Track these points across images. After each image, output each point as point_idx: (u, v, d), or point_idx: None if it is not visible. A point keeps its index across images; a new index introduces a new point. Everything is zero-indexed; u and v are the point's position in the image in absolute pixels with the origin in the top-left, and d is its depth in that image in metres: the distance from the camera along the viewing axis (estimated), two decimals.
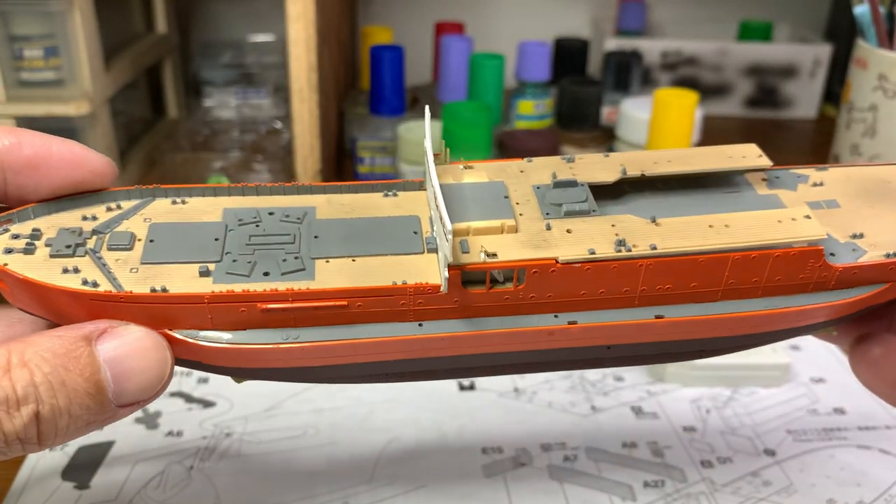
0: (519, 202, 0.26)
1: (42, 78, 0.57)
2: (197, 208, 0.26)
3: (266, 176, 0.67)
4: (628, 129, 0.62)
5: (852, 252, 0.26)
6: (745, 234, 0.24)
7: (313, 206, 0.26)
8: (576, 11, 0.95)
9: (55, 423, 0.21)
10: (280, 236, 0.25)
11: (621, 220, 0.25)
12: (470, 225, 0.24)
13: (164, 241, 0.24)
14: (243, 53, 0.82)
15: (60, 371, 0.21)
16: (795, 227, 0.24)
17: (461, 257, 0.23)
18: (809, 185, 0.28)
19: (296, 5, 0.54)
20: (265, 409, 0.41)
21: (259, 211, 0.26)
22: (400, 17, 0.91)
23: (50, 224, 0.25)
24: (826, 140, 0.68)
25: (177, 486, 0.36)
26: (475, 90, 0.66)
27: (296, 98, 0.57)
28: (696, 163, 0.27)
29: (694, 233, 0.24)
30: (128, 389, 0.22)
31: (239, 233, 0.25)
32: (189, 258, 0.24)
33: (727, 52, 0.85)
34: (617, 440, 0.39)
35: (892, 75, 0.56)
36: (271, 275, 0.23)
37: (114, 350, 0.22)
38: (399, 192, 0.27)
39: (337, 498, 0.35)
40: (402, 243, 0.25)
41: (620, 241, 0.24)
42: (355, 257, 0.24)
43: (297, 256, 0.24)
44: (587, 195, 0.26)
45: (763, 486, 0.37)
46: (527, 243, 0.24)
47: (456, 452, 0.38)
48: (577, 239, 0.24)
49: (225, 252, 0.24)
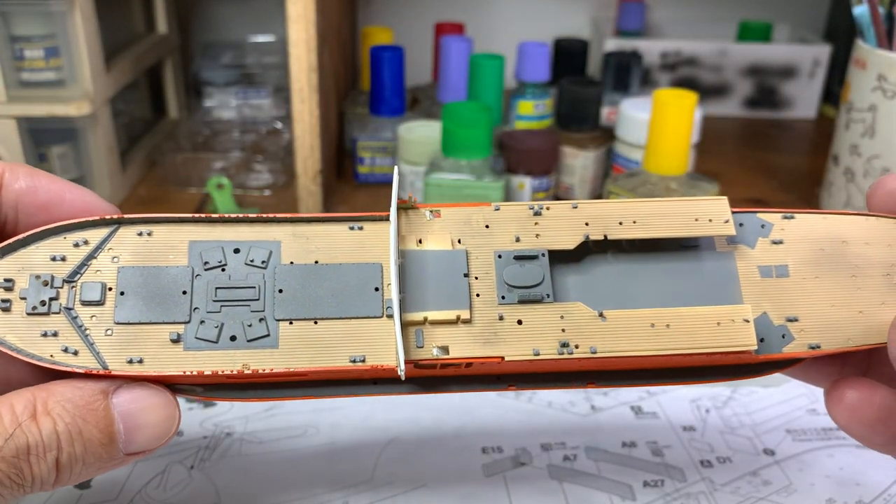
0: (478, 276, 0.27)
1: (43, 78, 0.57)
2: (163, 241, 0.27)
3: (266, 176, 0.67)
4: (628, 130, 0.62)
5: (781, 339, 0.27)
6: (683, 340, 0.26)
7: (278, 242, 0.27)
8: (575, 12, 0.95)
9: (71, 468, 0.23)
10: (245, 290, 0.26)
11: (571, 312, 0.27)
12: (426, 316, 0.26)
13: (134, 294, 0.26)
14: (244, 54, 0.82)
15: (79, 422, 0.23)
16: (732, 333, 0.26)
17: (415, 352, 0.26)
18: (769, 241, 0.29)
19: (296, 6, 0.54)
20: (265, 408, 0.41)
21: (224, 248, 0.27)
22: (400, 17, 0.92)
23: (20, 265, 0.26)
24: (825, 140, 0.69)
25: (177, 485, 0.36)
26: (475, 90, 0.66)
27: (296, 98, 0.57)
28: (660, 226, 0.29)
29: (635, 334, 0.26)
30: (137, 441, 0.24)
31: (205, 281, 0.26)
32: (159, 318, 0.26)
33: (726, 52, 0.85)
34: (616, 440, 0.39)
35: (891, 76, 0.56)
36: (237, 340, 0.26)
37: (127, 405, 0.24)
38: (365, 225, 0.28)
39: (337, 498, 0.35)
40: (362, 304, 0.27)
41: (564, 344, 0.26)
42: (318, 320, 0.26)
43: (262, 318, 0.26)
44: (544, 275, 0.27)
45: (762, 486, 0.37)
46: (478, 337, 0.26)
47: (456, 452, 0.38)
48: (526, 333, 0.26)
49: (193, 308, 0.26)
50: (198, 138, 0.70)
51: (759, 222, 0.30)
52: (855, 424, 0.28)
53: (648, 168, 0.57)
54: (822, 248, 0.29)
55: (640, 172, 0.58)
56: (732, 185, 0.70)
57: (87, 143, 0.59)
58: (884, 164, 0.58)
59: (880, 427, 0.27)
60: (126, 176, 0.66)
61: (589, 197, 0.65)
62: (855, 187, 0.60)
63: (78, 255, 0.26)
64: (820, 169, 0.67)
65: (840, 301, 0.28)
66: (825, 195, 0.65)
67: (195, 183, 0.67)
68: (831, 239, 0.29)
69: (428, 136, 0.62)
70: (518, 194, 0.62)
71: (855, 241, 0.29)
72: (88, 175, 0.61)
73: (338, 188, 0.68)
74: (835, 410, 0.28)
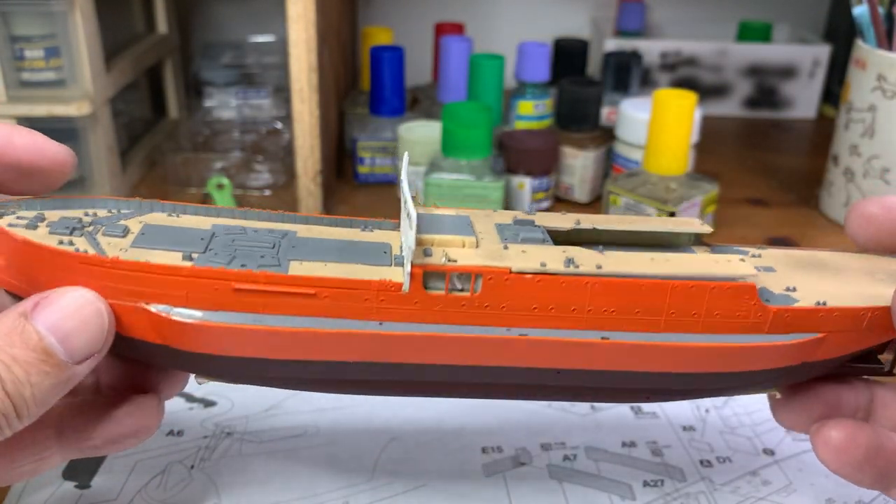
0: (481, 231, 0.28)
1: (43, 78, 0.57)
2: (189, 221, 0.28)
3: (266, 176, 0.67)
4: (628, 130, 0.62)
5: (786, 300, 0.28)
6: (684, 267, 0.27)
7: (295, 231, 0.29)
8: (575, 12, 0.95)
9: (21, 393, 0.23)
10: (261, 243, 0.27)
11: (571, 249, 0.27)
12: (434, 237, 0.27)
13: (154, 235, 0.26)
14: (244, 54, 0.82)
15: (7, 350, 0.23)
16: (730, 266, 0.27)
17: (424, 259, 0.25)
18: (749, 256, 0.31)
19: (296, 6, 0.54)
20: (265, 408, 0.41)
21: (246, 228, 0.28)
22: (400, 17, 0.92)
23: (54, 214, 0.27)
24: (825, 140, 0.69)
25: (178, 485, 0.36)
26: (475, 91, 0.66)
27: (296, 98, 0.57)
28: (641, 223, 0.31)
29: (636, 262, 0.27)
30: (76, 346, 0.24)
31: (224, 238, 0.27)
32: (175, 248, 0.26)
33: (726, 52, 0.86)
34: (616, 439, 0.39)
35: (890, 76, 0.56)
36: (248, 266, 0.25)
37: (49, 317, 0.24)
38: (375, 229, 0.30)
39: (337, 497, 0.35)
40: (372, 257, 0.27)
41: (569, 260, 0.26)
42: (327, 262, 0.26)
43: (275, 257, 0.26)
44: (543, 231, 0.28)
45: (762, 486, 0.37)
46: (485, 256, 0.26)
47: (456, 452, 0.38)
48: (531, 257, 0.26)
49: (209, 248, 0.26)
50: (198, 138, 0.70)
51: (737, 249, 0.31)
52: (844, 466, 0.28)
53: (648, 168, 0.57)
54: (801, 264, 0.31)
55: (640, 172, 0.58)
56: (732, 185, 0.70)
57: (87, 143, 0.59)
58: (883, 164, 0.58)
59: (867, 467, 0.28)
60: (126, 176, 0.66)
61: (589, 197, 0.65)
62: (854, 187, 0.60)
63: (109, 216, 0.27)
64: (820, 169, 0.67)
65: (833, 284, 0.29)
66: (825, 195, 0.65)
67: (195, 183, 0.67)
68: (808, 258, 0.31)
69: (428, 136, 0.62)
70: (518, 194, 0.62)
71: (831, 259, 0.31)
72: (88, 175, 0.61)
73: (338, 188, 0.68)
74: (822, 452, 0.28)
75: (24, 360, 0.23)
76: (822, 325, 0.27)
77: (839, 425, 0.28)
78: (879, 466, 0.28)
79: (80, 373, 0.24)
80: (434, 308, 0.26)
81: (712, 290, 0.26)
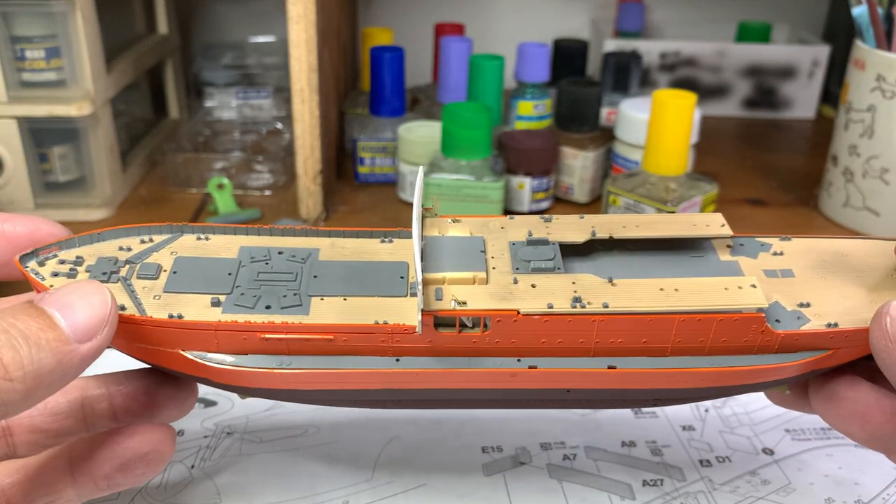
0: (494, 256, 0.29)
1: (44, 79, 0.57)
2: (218, 245, 0.30)
3: (267, 176, 0.67)
4: (627, 130, 0.62)
5: (797, 320, 0.28)
6: (691, 299, 0.27)
7: (317, 248, 0.30)
8: (575, 12, 0.95)
9: (23, 367, 0.22)
10: (284, 274, 0.28)
11: (581, 279, 0.27)
12: (445, 275, 0.27)
13: (184, 273, 0.28)
14: (244, 54, 0.82)
15: (8, 319, 0.22)
16: (740, 296, 0.27)
17: (434, 304, 0.26)
18: (770, 253, 0.31)
19: (296, 7, 0.54)
20: (266, 408, 0.41)
21: (270, 250, 0.30)
22: (400, 18, 0.92)
23: (91, 252, 0.29)
24: (824, 141, 0.69)
25: (178, 484, 0.36)
26: (475, 91, 0.66)
27: (296, 99, 0.57)
28: (663, 228, 0.30)
29: (644, 294, 0.27)
30: (79, 318, 0.24)
31: (250, 269, 0.29)
32: (204, 289, 0.28)
33: (726, 53, 0.86)
34: (616, 439, 0.39)
35: (889, 76, 0.56)
36: (272, 308, 0.27)
37: (52, 296, 0.24)
38: (394, 239, 0.31)
39: (337, 497, 0.35)
40: (388, 286, 0.28)
41: (576, 299, 0.27)
42: (346, 297, 0.28)
43: (297, 293, 0.28)
44: (555, 254, 0.29)
45: (762, 485, 0.37)
46: (494, 295, 0.27)
47: (456, 452, 0.39)
48: (539, 293, 0.27)
49: (235, 285, 0.28)
50: (198, 139, 0.70)
51: (758, 243, 0.31)
52: (834, 417, 0.28)
53: (648, 168, 0.57)
54: (823, 259, 0.30)
55: (640, 173, 0.58)
56: (731, 185, 0.70)
57: (87, 144, 0.59)
58: (882, 164, 0.58)
59: (857, 421, 0.28)
60: (127, 176, 0.66)
61: (589, 197, 0.65)
62: (854, 187, 0.60)
63: (143, 247, 0.29)
64: (819, 169, 0.67)
65: (851, 295, 0.28)
66: (824, 195, 0.65)
67: (196, 183, 0.67)
68: (831, 252, 0.30)
69: (428, 137, 0.62)
70: (518, 194, 0.62)
71: (854, 254, 0.30)
72: (89, 175, 0.61)
73: (338, 188, 0.68)
74: (815, 400, 0.29)
75: (26, 329, 0.22)
76: (832, 343, 0.27)
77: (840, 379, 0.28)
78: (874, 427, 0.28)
79: (84, 353, 0.24)
80: (446, 345, 0.27)
81: (720, 322, 0.26)
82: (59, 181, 0.60)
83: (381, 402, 0.29)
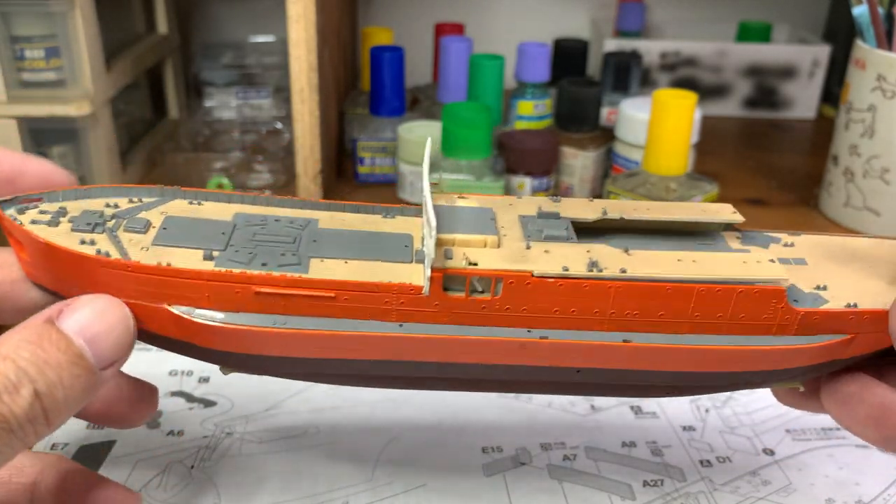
0: (504, 226, 0.28)
1: (43, 78, 0.57)
2: (211, 210, 0.28)
3: (267, 176, 0.67)
4: (627, 130, 0.62)
5: (815, 300, 0.27)
6: (711, 269, 0.26)
7: (317, 219, 0.28)
8: (575, 12, 0.95)
9: (54, 396, 0.22)
10: (282, 237, 0.27)
11: (596, 248, 0.27)
12: (455, 237, 0.26)
13: (175, 230, 0.26)
14: (244, 54, 0.82)
15: (40, 353, 0.22)
16: (760, 268, 0.26)
17: (445, 262, 0.25)
18: (781, 245, 0.30)
19: (296, 6, 0.54)
20: (265, 408, 0.41)
21: (267, 217, 0.28)
22: (400, 18, 0.92)
23: (76, 207, 0.27)
24: (825, 140, 0.69)
25: (178, 485, 0.36)
26: (475, 91, 0.66)
27: (296, 99, 0.57)
28: (675, 212, 0.29)
29: (662, 263, 0.26)
30: (104, 350, 0.24)
31: (245, 231, 0.27)
32: (196, 244, 0.26)
33: (726, 52, 0.86)
34: (616, 439, 0.39)
35: (890, 76, 0.56)
36: (268, 265, 0.25)
37: (76, 322, 0.24)
38: (397, 216, 0.29)
39: (337, 497, 0.35)
40: (393, 253, 0.27)
41: (593, 263, 0.26)
42: (348, 259, 0.26)
43: (295, 253, 0.26)
44: (568, 226, 0.28)
45: (762, 486, 0.37)
46: (507, 257, 0.26)
47: (456, 452, 0.38)
48: (553, 258, 0.26)
49: (229, 243, 0.26)
50: (198, 138, 0.70)
51: (768, 236, 0.30)
52: (849, 420, 0.28)
53: (648, 168, 0.57)
54: (834, 253, 0.29)
55: (640, 172, 0.58)
56: (732, 185, 0.70)
57: (87, 144, 0.59)
58: (883, 164, 0.58)
59: (871, 423, 0.27)
60: (126, 176, 0.66)
61: (589, 197, 0.65)
62: (854, 187, 0.60)
63: (131, 206, 0.27)
64: (819, 169, 0.67)
65: (867, 280, 0.28)
66: (824, 195, 0.65)
67: (195, 183, 0.67)
68: (841, 248, 0.30)
69: (428, 137, 0.62)
70: (518, 195, 0.62)
71: (863, 249, 0.30)
72: (89, 175, 0.61)
73: (338, 188, 0.68)
74: (828, 403, 0.28)
75: (56, 362, 0.22)
76: (852, 326, 0.27)
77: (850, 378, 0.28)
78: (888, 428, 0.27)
79: (104, 379, 0.24)
80: (454, 310, 0.25)
81: (740, 294, 0.26)
82: None
83: (376, 379, 0.28)
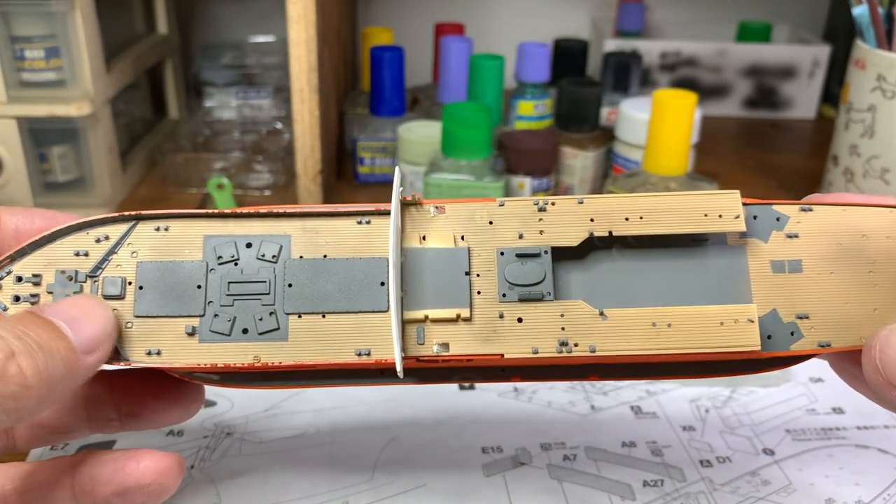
0: (480, 273, 0.28)
1: (43, 79, 0.57)
2: (179, 237, 0.28)
3: (267, 176, 0.67)
4: (628, 130, 0.62)
5: (790, 336, 0.27)
6: (685, 340, 0.27)
7: (288, 237, 0.28)
8: (575, 12, 0.95)
9: (35, 360, 0.22)
10: (256, 284, 0.28)
11: (571, 310, 0.27)
12: (427, 314, 0.27)
13: (152, 289, 0.27)
14: (244, 54, 0.82)
15: (20, 327, 0.23)
16: (735, 334, 0.27)
17: (416, 348, 0.26)
18: (783, 235, 0.29)
19: (296, 6, 0.54)
20: (265, 408, 0.41)
21: (236, 242, 0.28)
22: (400, 18, 0.92)
23: (46, 261, 0.27)
24: (825, 140, 0.69)
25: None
26: (475, 91, 0.66)
27: (296, 99, 0.57)
28: (667, 222, 0.28)
29: (635, 332, 0.27)
30: (84, 331, 0.24)
31: (219, 276, 0.28)
32: (176, 311, 0.27)
33: (726, 52, 0.86)
34: (616, 440, 0.39)
35: (890, 76, 0.56)
36: (249, 333, 0.27)
37: (56, 307, 0.25)
38: (372, 219, 0.29)
39: (337, 497, 0.35)
40: (368, 298, 0.27)
41: (563, 342, 0.26)
42: (325, 314, 0.27)
43: (272, 312, 0.27)
44: (545, 273, 0.27)
45: (762, 486, 0.37)
46: (478, 335, 0.27)
47: (456, 452, 0.38)
48: (526, 331, 0.27)
49: (207, 302, 0.27)
50: (198, 138, 0.70)
51: (775, 215, 0.29)
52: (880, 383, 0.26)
53: (648, 168, 0.57)
54: (840, 242, 0.29)
55: (640, 173, 0.58)
56: (732, 185, 0.70)
57: (87, 144, 0.59)
58: (883, 164, 0.58)
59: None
60: (126, 176, 0.66)
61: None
62: (854, 187, 0.60)
63: (100, 250, 0.28)
64: (819, 169, 0.67)
65: (855, 298, 0.28)
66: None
67: (195, 183, 0.67)
68: (850, 233, 0.29)
69: (428, 137, 0.62)
70: (518, 195, 0.62)
71: (875, 234, 0.29)
72: (88, 175, 0.61)
73: (338, 188, 0.68)
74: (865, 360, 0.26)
75: (36, 334, 0.23)
76: (820, 355, 0.29)
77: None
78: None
79: (89, 365, 0.24)
80: (430, 366, 0.28)
81: (712, 355, 0.27)
82: (58, 181, 0.60)
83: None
